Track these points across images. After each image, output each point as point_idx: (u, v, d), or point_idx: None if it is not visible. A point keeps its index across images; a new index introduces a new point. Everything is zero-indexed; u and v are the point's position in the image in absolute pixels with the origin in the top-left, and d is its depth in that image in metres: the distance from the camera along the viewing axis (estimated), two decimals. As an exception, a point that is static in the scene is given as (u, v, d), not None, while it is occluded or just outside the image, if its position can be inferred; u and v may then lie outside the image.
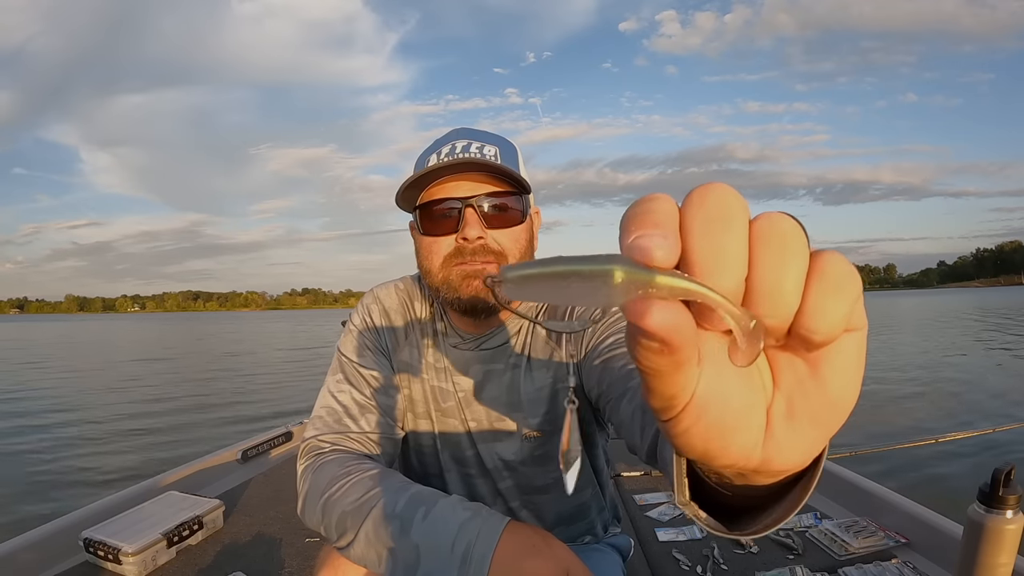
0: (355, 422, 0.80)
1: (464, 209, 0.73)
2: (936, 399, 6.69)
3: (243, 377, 11.15)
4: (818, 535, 1.47)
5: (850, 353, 0.21)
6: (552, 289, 0.18)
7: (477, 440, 0.85)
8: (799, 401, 0.22)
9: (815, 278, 0.19)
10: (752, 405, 0.22)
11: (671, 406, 0.21)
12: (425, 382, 0.87)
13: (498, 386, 0.84)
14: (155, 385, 10.05)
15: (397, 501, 0.63)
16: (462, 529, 0.58)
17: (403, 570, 0.59)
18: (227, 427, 6.12)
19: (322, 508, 0.68)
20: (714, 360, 0.21)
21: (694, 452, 0.23)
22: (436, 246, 0.76)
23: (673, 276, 0.18)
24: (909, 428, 5.18)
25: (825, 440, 0.23)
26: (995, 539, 0.83)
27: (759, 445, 0.22)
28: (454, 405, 0.85)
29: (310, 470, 0.74)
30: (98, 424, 6.49)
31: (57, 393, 9.15)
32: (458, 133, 0.80)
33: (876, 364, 9.79)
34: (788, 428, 0.22)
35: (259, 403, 7.79)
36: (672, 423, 0.22)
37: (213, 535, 1.67)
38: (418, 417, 0.87)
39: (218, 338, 28.94)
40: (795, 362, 0.22)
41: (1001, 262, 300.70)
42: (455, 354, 0.85)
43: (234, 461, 2.24)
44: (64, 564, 1.48)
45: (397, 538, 0.60)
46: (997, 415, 5.54)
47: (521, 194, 0.77)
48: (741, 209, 0.19)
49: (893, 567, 1.31)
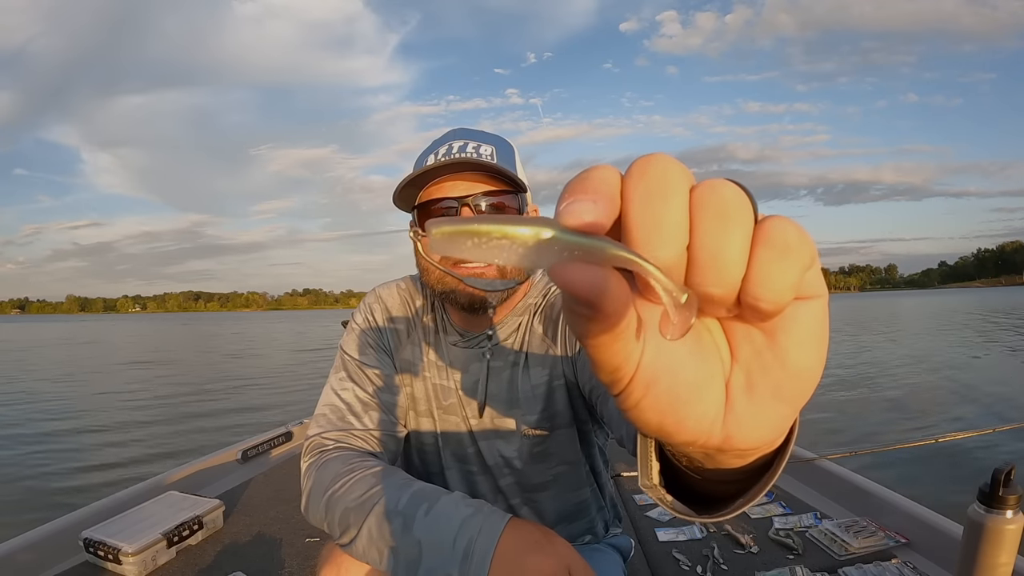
0: (358, 419, 0.80)
1: (461, 208, 0.74)
2: (936, 399, 6.69)
3: (243, 377, 11.15)
4: (818, 535, 1.47)
5: (807, 322, 0.20)
6: (477, 247, 0.17)
7: (478, 437, 0.86)
8: (758, 374, 0.21)
9: (759, 244, 0.18)
10: (706, 377, 0.21)
11: (617, 379, 0.20)
12: (427, 380, 0.87)
13: (498, 383, 0.85)
14: (155, 385, 10.06)
15: (399, 498, 0.63)
16: (464, 525, 0.59)
17: (405, 566, 0.59)
18: (227, 427, 6.12)
19: (326, 504, 0.68)
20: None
21: (649, 427, 0.22)
22: None
23: (600, 240, 0.17)
24: (909, 428, 5.18)
25: (791, 415, 0.22)
26: (995, 539, 0.82)
27: (719, 420, 0.22)
28: (455, 403, 0.86)
29: (314, 467, 0.75)
30: (98, 424, 6.49)
31: (57, 393, 9.15)
32: (455, 133, 0.81)
33: (876, 364, 9.78)
34: (749, 402, 0.21)
35: (259, 403, 7.79)
36: (622, 397, 0.21)
37: (213, 535, 1.67)
38: (420, 415, 0.88)
39: (220, 338, 28.95)
40: (752, 333, 0.21)
41: (1002, 262, 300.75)
42: (455, 352, 0.86)
43: (234, 461, 2.24)
44: (64, 564, 1.48)
45: (399, 535, 0.60)
46: (997, 415, 5.54)
47: (518, 193, 0.78)
48: (682, 179, 0.19)
49: (893, 567, 1.31)
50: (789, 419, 0.22)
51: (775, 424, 0.22)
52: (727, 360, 0.22)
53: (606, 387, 0.22)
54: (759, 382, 0.21)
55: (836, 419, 5.67)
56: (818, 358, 0.21)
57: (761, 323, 0.20)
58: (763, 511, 1.65)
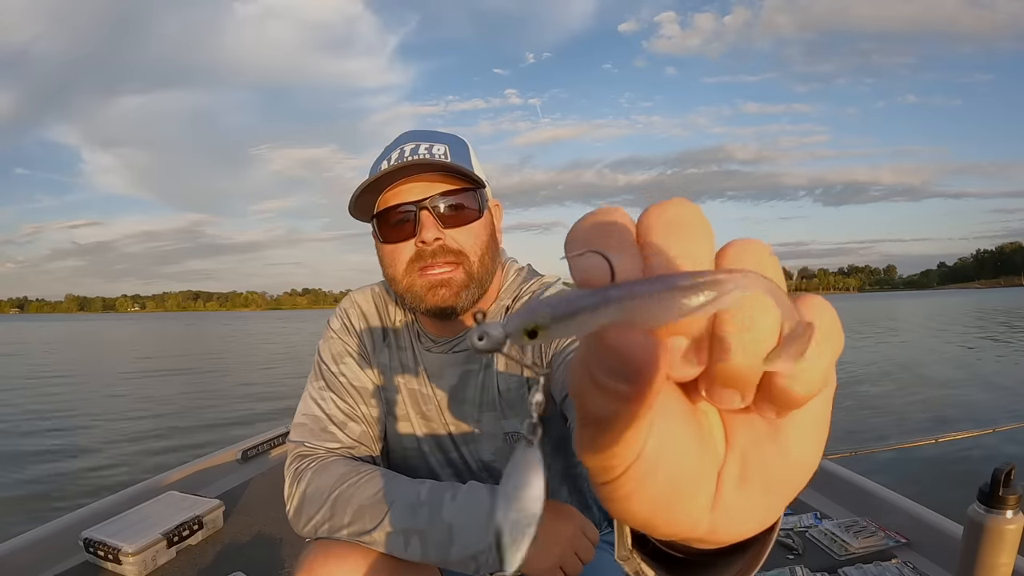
0: (340, 429, 0.81)
1: (419, 212, 0.73)
2: (936, 399, 6.69)
3: (244, 377, 11.14)
4: (818, 535, 1.47)
5: (817, 413, 0.18)
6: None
7: (459, 442, 0.85)
8: (755, 465, 0.19)
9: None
10: (706, 467, 0.18)
11: (610, 466, 0.17)
12: (403, 386, 0.86)
13: (474, 387, 0.83)
14: (155, 385, 10.05)
15: (419, 491, 0.67)
16: (481, 499, 0.64)
17: (436, 549, 0.63)
18: (227, 427, 6.12)
19: (332, 504, 0.69)
20: (668, 413, 0.18)
21: (635, 521, 0.19)
22: (397, 253, 0.75)
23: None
24: (909, 428, 5.18)
25: (779, 510, 0.20)
26: (995, 539, 0.82)
27: (706, 513, 0.19)
28: (434, 408, 0.85)
29: (309, 471, 0.75)
30: (98, 424, 6.49)
31: (57, 393, 9.14)
32: (407, 136, 0.79)
33: (877, 364, 9.78)
34: (739, 495, 0.19)
35: (259, 403, 7.78)
36: (610, 487, 0.18)
37: (213, 535, 1.67)
38: (399, 420, 0.87)
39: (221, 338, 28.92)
40: (753, 420, 0.19)
41: (1001, 263, 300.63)
42: (430, 358, 0.85)
43: (234, 461, 2.24)
44: (64, 564, 1.48)
45: (427, 521, 0.64)
46: (997, 415, 5.53)
47: (476, 189, 0.77)
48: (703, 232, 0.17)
49: (893, 567, 1.31)
50: (779, 511, 0.20)
51: (764, 517, 0.20)
52: (721, 448, 0.19)
53: (591, 474, 0.18)
54: (754, 473, 0.19)
55: (836, 419, 5.62)
56: (819, 452, 0.19)
57: (777, 413, 0.18)
58: (763, 511, 1.65)
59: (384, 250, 0.77)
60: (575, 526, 0.66)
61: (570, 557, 0.64)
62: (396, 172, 0.72)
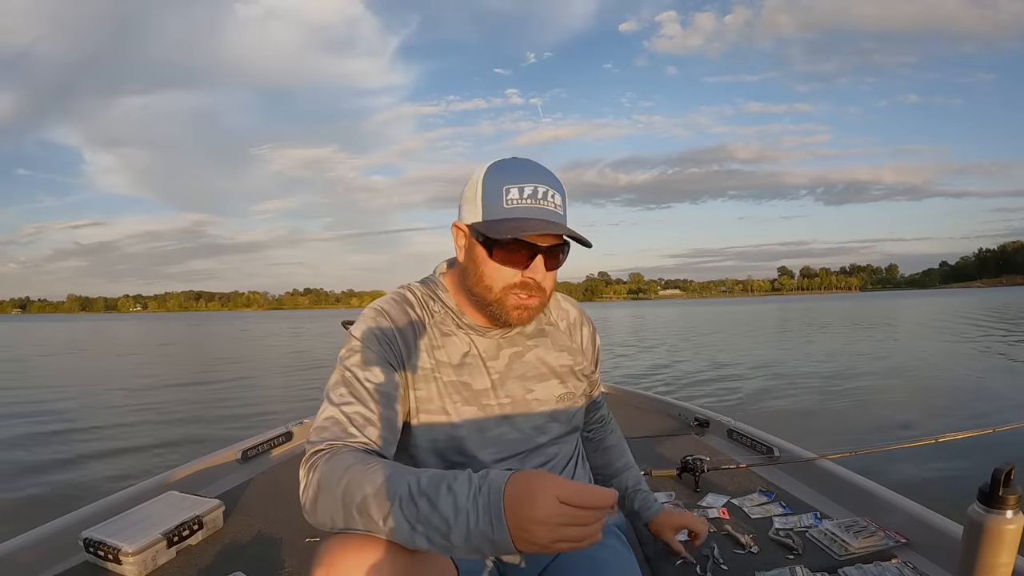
0: (360, 431, 0.82)
1: (538, 254, 0.87)
2: (937, 399, 6.69)
3: (244, 377, 11.15)
4: (818, 535, 1.47)
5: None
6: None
7: (510, 415, 0.95)
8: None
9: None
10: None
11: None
12: (440, 380, 0.91)
13: (526, 363, 0.98)
14: (155, 384, 10.05)
15: (420, 479, 0.68)
16: (475, 482, 0.66)
17: (438, 537, 0.65)
18: (227, 427, 6.12)
19: (343, 492, 0.70)
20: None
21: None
22: (501, 273, 0.88)
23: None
24: (909, 428, 5.17)
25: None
26: (995, 539, 0.82)
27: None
28: (484, 388, 0.94)
29: (320, 462, 0.76)
30: (98, 423, 6.49)
31: (57, 392, 9.14)
32: (533, 171, 0.89)
33: (877, 364, 9.77)
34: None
35: (259, 403, 7.79)
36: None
37: (213, 535, 1.67)
38: (433, 414, 0.91)
39: (222, 338, 28.94)
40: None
41: (1003, 262, 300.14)
42: (484, 342, 0.96)
43: (234, 461, 2.24)
44: (64, 564, 1.48)
45: (428, 511, 0.65)
46: (997, 415, 5.52)
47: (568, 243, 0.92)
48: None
49: (893, 567, 1.31)
50: None
51: None
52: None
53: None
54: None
55: (836, 419, 5.66)
56: None
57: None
58: (763, 511, 1.64)
59: (488, 265, 0.88)
60: (558, 484, 0.61)
61: (566, 530, 0.60)
62: (545, 224, 0.85)
